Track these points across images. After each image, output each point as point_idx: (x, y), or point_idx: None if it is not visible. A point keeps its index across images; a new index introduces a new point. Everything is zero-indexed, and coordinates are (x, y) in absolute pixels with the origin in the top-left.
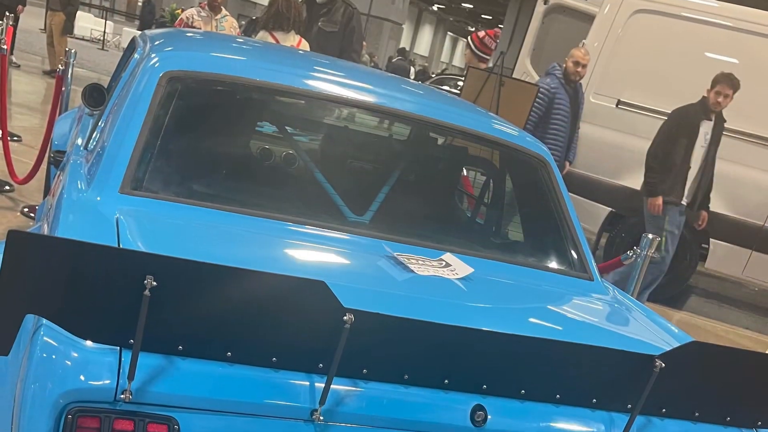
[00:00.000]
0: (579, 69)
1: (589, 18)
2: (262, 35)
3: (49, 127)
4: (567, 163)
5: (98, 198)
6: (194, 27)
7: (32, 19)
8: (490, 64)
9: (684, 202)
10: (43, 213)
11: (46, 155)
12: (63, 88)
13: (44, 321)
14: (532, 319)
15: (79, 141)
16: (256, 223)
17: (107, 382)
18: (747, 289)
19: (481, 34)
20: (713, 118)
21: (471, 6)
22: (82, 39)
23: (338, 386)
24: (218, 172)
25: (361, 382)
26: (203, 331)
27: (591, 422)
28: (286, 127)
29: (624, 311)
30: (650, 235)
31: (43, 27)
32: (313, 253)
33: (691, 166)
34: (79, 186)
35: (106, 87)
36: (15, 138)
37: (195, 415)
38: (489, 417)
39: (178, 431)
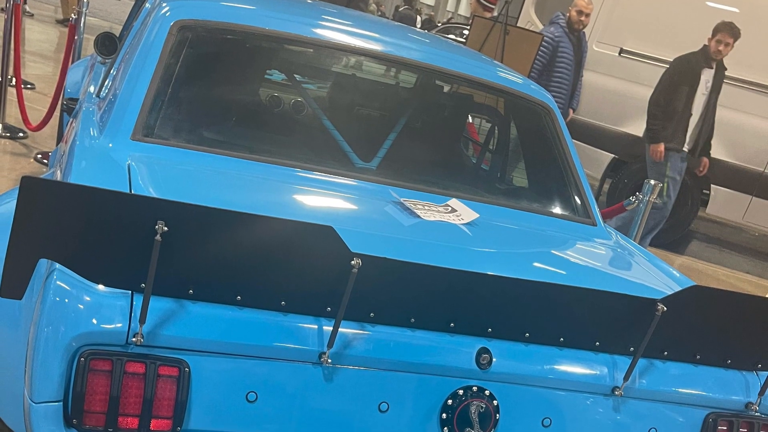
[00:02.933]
0: (582, 18)
1: None
2: None
3: (62, 75)
4: (571, 111)
5: (110, 145)
6: None
7: None
8: (495, 14)
9: (685, 148)
10: (56, 159)
11: (59, 103)
12: (75, 37)
13: (57, 265)
14: (536, 264)
15: (92, 89)
16: (265, 169)
17: (119, 325)
18: (747, 234)
19: None
20: (714, 66)
21: None
22: None
23: (346, 330)
24: (228, 120)
25: (368, 325)
26: (213, 276)
27: (594, 365)
28: (295, 75)
29: (626, 256)
30: (652, 181)
31: None
32: (321, 198)
33: (693, 113)
34: (92, 133)
35: (118, 36)
36: (29, 86)
37: (205, 358)
38: (494, 360)
39: (188, 374)
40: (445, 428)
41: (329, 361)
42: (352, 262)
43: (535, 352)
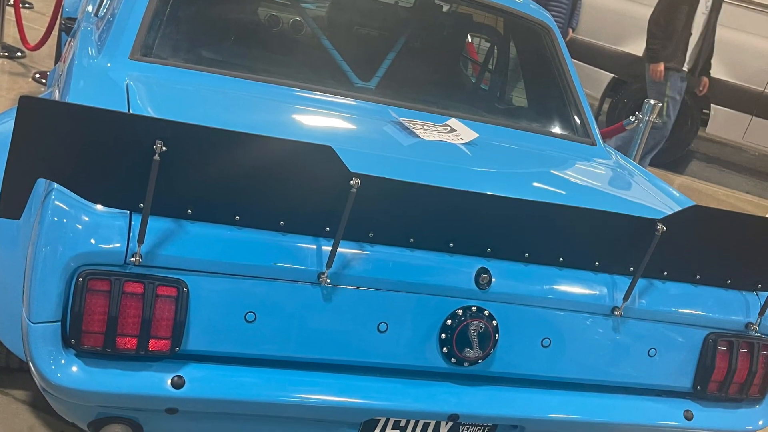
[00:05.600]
0: None
1: None
2: None
3: None
4: (570, 30)
5: (108, 64)
6: None
7: None
8: None
9: (685, 68)
10: (54, 79)
11: (58, 22)
12: None
13: (55, 185)
14: (536, 184)
15: (90, 8)
16: (264, 89)
17: (118, 245)
18: (747, 153)
19: None
20: None
21: None
22: None
23: (345, 249)
24: (227, 39)
25: (367, 245)
26: (212, 196)
27: (593, 285)
28: None
29: (626, 176)
30: (652, 101)
31: None
32: (320, 118)
33: (693, 32)
34: (90, 52)
35: None
36: (27, 5)
37: (204, 278)
38: (493, 280)
39: (187, 294)
40: (444, 348)
41: (328, 281)
42: (351, 182)
43: (534, 272)
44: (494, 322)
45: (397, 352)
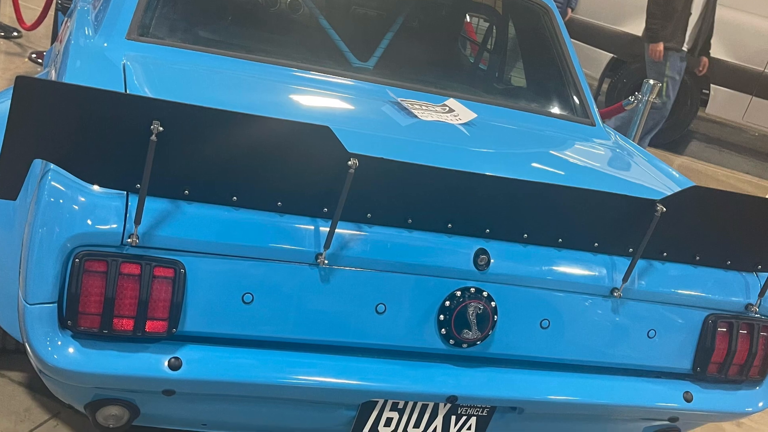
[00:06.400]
0: None
1: None
2: None
3: None
4: (569, 10)
5: (105, 44)
6: None
7: None
8: None
9: (685, 47)
10: (51, 59)
11: (54, 2)
12: None
13: (52, 166)
14: (534, 164)
15: None
16: (261, 69)
17: (114, 226)
18: (747, 134)
19: None
20: None
21: None
22: None
23: (343, 230)
24: (224, 19)
25: (365, 226)
26: (209, 176)
27: (593, 266)
28: None
29: (625, 156)
30: (651, 81)
31: None
32: (318, 98)
33: (692, 12)
34: (87, 32)
35: None
36: None
37: (201, 259)
38: (492, 261)
39: (184, 275)
40: (443, 329)
41: (326, 262)
42: (349, 162)
43: (533, 253)
44: (493, 304)
45: (395, 334)
